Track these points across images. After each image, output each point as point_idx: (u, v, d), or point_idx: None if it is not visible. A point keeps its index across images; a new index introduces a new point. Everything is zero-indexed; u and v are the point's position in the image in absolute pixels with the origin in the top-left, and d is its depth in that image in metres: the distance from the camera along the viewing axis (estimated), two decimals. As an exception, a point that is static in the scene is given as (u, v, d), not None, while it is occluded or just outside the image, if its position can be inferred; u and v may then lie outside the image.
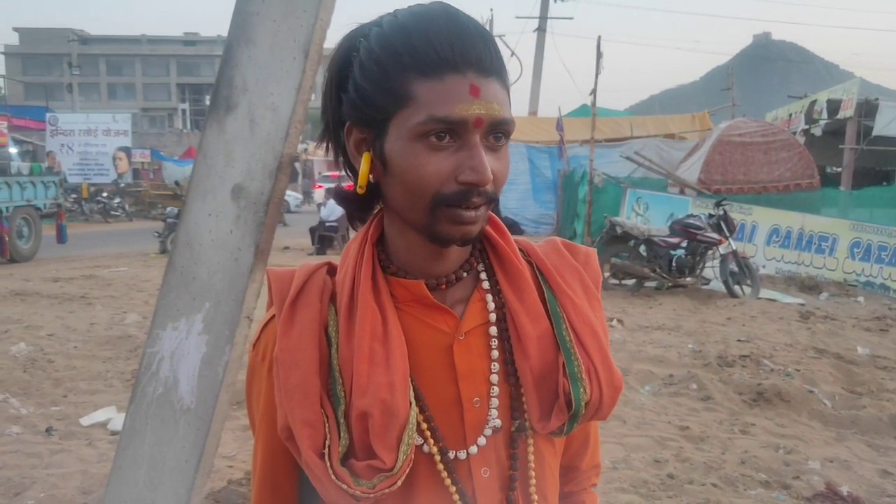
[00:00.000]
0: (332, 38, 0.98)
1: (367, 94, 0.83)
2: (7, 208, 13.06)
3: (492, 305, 0.93)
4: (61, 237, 14.84)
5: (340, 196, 0.94)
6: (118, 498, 1.02)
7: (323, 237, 14.82)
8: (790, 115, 18.85)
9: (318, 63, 0.98)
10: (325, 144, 0.95)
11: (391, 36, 0.82)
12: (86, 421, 4.66)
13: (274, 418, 0.88)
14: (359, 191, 0.89)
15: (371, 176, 0.87)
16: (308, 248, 15.01)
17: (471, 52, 0.80)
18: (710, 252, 9.85)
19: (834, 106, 16.10)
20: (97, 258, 13.82)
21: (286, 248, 15.43)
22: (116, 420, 4.54)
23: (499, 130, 0.83)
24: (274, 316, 0.91)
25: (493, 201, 0.85)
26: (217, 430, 1.01)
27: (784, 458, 4.17)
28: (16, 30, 79.15)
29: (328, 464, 0.82)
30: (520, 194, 18.47)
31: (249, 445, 4.26)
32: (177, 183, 29.09)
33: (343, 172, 0.95)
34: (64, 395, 5.20)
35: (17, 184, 13.57)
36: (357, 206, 0.94)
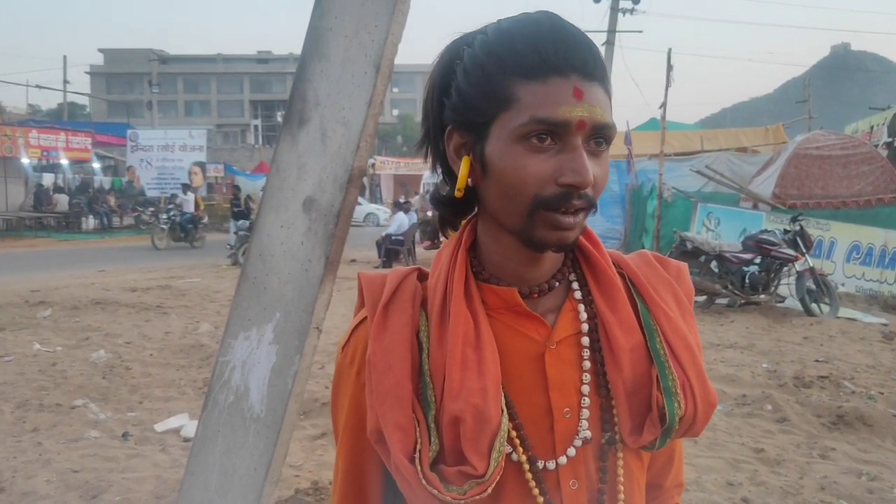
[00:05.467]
0: (405, 54, 0.98)
1: (469, 97, 0.84)
2: None
3: (584, 315, 0.91)
4: None
5: (437, 200, 0.95)
6: (190, 503, 1.04)
7: (389, 250, 14.95)
8: (872, 128, 18.11)
9: (388, 78, 0.99)
10: (423, 151, 0.96)
11: (495, 41, 0.83)
12: (160, 427, 4.80)
13: (359, 421, 0.89)
14: (457, 194, 0.89)
15: (469, 180, 0.88)
16: (374, 260, 15.15)
17: (575, 56, 0.80)
18: (785, 269, 9.53)
19: (920, 118, 15.42)
20: (172, 269, 14.28)
21: (353, 260, 15.63)
22: (189, 427, 4.67)
23: (601, 135, 0.82)
24: (364, 319, 0.92)
25: (592, 206, 0.84)
26: (286, 438, 1.02)
27: (868, 486, 3.97)
28: (101, 50, 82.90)
29: (419, 468, 0.82)
30: (586, 208, 18.20)
31: (317, 455, 4.30)
32: (248, 197, 29.80)
33: (440, 178, 0.96)
34: (140, 401, 5.38)
35: None
36: (452, 210, 0.94)
